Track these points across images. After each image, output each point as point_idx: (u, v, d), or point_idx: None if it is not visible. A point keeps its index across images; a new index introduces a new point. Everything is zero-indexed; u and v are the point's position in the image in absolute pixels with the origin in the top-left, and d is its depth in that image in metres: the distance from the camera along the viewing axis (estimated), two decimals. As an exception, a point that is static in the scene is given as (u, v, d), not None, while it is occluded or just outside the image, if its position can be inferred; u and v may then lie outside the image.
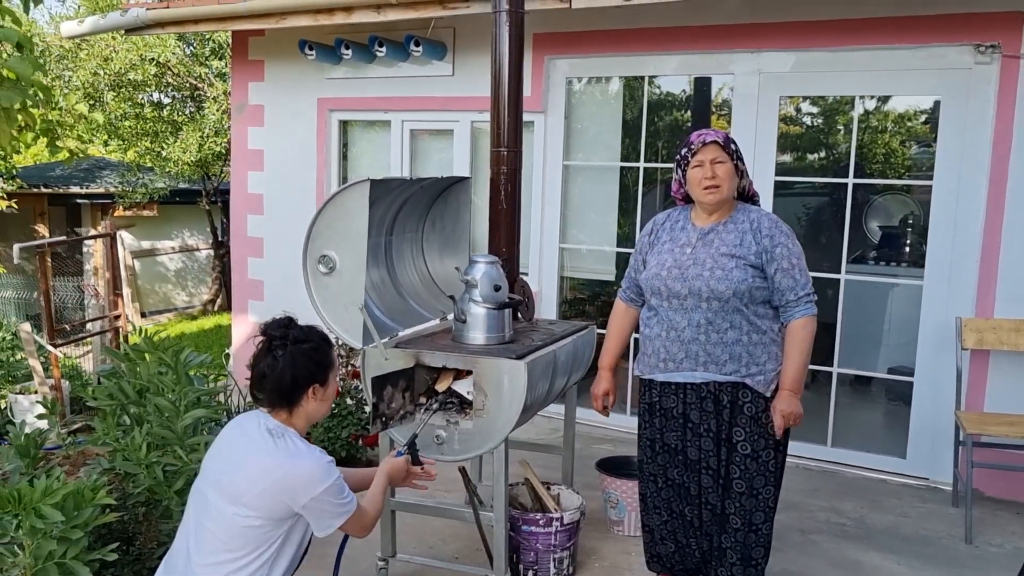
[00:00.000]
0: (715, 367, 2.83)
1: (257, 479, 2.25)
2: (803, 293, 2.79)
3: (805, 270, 2.81)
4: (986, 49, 4.27)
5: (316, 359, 2.38)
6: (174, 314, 15.00)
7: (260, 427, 2.36)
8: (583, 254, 5.68)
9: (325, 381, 2.40)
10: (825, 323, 5.20)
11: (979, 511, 4.04)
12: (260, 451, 2.30)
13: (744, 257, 2.80)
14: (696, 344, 2.84)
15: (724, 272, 2.78)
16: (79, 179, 14.17)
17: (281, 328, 2.39)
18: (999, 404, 4.34)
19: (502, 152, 3.53)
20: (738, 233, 2.84)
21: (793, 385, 2.80)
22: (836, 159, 6.32)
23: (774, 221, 2.86)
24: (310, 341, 2.39)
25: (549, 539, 3.22)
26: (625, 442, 5.08)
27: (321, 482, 2.25)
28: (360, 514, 2.40)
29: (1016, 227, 4.24)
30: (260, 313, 6.70)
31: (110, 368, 3.58)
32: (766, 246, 2.79)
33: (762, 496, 2.85)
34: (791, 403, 2.79)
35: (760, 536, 2.87)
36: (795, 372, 2.80)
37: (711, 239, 2.87)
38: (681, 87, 6.01)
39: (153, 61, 11.18)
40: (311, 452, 2.31)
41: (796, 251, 2.81)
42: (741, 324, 2.81)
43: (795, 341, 2.80)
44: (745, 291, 2.78)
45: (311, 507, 2.27)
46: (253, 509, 2.25)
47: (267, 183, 6.62)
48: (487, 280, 3.11)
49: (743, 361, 2.81)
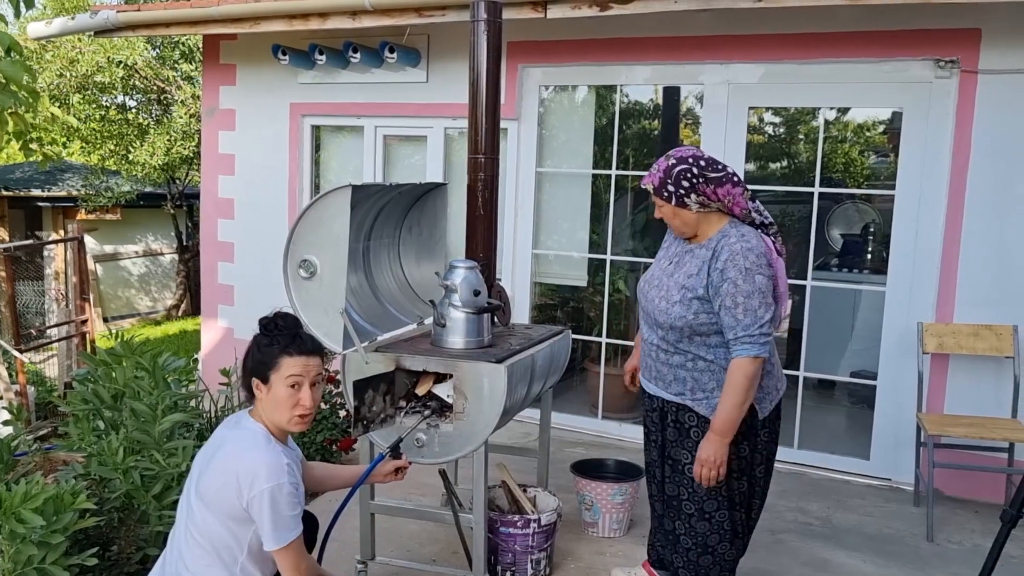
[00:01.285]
0: (663, 384, 2.86)
1: (217, 474, 2.27)
2: (742, 334, 2.62)
3: (753, 310, 2.62)
4: (946, 64, 4.42)
5: (258, 357, 2.37)
6: (137, 319, 14.80)
7: (237, 423, 2.39)
8: (555, 260, 5.74)
9: (266, 380, 2.35)
10: (791, 328, 5.37)
11: (940, 510, 4.17)
12: (226, 445, 2.33)
13: (693, 289, 2.72)
14: (650, 359, 2.91)
15: (668, 304, 2.75)
16: (40, 182, 13.93)
17: (267, 317, 2.41)
18: (958, 406, 4.49)
19: (480, 159, 3.57)
20: (699, 261, 2.75)
21: (720, 428, 2.66)
22: (800, 168, 6.48)
23: (734, 253, 2.65)
24: (261, 336, 2.38)
25: (527, 540, 3.26)
26: (596, 445, 5.15)
27: (265, 480, 2.21)
28: (300, 549, 2.31)
29: (974, 235, 4.40)
30: (230, 318, 6.67)
31: (84, 372, 3.55)
32: (714, 280, 2.68)
33: (715, 520, 2.79)
34: (709, 448, 2.67)
35: (717, 558, 2.82)
36: (724, 414, 2.65)
37: (685, 260, 2.82)
38: (652, 96, 6.13)
39: (121, 64, 11.04)
40: (266, 448, 2.29)
41: (745, 289, 2.62)
42: (687, 351, 2.78)
43: (728, 382, 2.66)
44: (683, 327, 2.73)
45: (255, 505, 2.22)
46: (214, 507, 2.26)
47: (238, 188, 6.59)
48: (467, 285, 3.15)
49: (688, 385, 2.79)
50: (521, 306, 5.60)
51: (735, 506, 2.81)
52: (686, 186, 2.70)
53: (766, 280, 2.66)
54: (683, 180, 2.70)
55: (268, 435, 2.35)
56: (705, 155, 2.76)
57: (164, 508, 3.12)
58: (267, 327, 2.40)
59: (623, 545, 3.74)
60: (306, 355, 2.37)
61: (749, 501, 2.88)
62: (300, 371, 2.34)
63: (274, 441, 2.36)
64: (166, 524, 3.06)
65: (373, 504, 3.27)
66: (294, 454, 2.48)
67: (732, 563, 2.87)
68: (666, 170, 2.74)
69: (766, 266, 2.68)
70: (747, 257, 2.64)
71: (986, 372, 4.45)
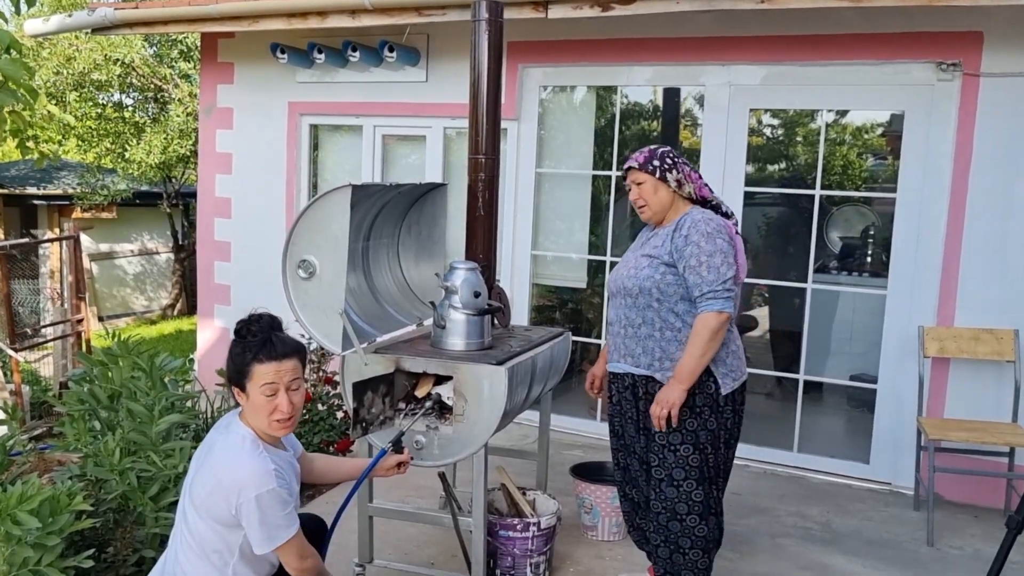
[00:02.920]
0: (631, 359, 3.01)
1: (206, 481, 2.26)
2: (708, 290, 2.82)
3: (716, 267, 2.82)
4: (948, 67, 4.41)
5: (233, 366, 2.33)
6: (132, 318, 14.74)
7: (227, 427, 2.37)
8: (554, 261, 5.72)
9: (243, 388, 2.32)
10: (791, 331, 5.36)
11: (940, 515, 4.15)
12: (215, 451, 2.31)
13: (658, 256, 2.94)
14: (619, 338, 3.06)
15: (636, 270, 2.98)
16: (36, 180, 13.88)
17: (241, 322, 2.36)
18: (959, 410, 4.47)
19: (480, 159, 3.55)
20: (664, 234, 2.98)
21: (680, 376, 2.84)
22: (801, 170, 6.46)
23: (697, 221, 2.90)
24: (240, 343, 2.33)
25: (526, 544, 3.24)
26: (595, 448, 5.12)
27: (254, 487, 2.19)
28: (301, 546, 2.31)
29: (976, 238, 4.38)
30: (227, 318, 6.63)
31: (81, 372, 3.51)
32: (678, 244, 2.89)
33: (683, 488, 2.89)
34: (668, 391, 2.84)
35: (686, 527, 2.90)
36: (686, 363, 2.82)
37: (650, 241, 3.05)
38: (652, 97, 6.11)
39: (118, 62, 11.00)
40: (252, 454, 2.26)
41: (708, 248, 2.83)
42: (653, 320, 2.94)
43: (693, 334, 2.84)
44: (651, 287, 2.92)
45: (243, 512, 2.20)
46: (203, 512, 2.25)
47: (235, 187, 6.55)
48: (467, 286, 3.12)
49: (656, 355, 2.94)
50: (520, 307, 5.57)
51: (704, 479, 2.91)
52: (669, 163, 3.00)
53: (727, 244, 2.88)
54: (667, 158, 3.01)
55: (255, 439, 2.32)
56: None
57: (160, 510, 3.08)
58: (239, 333, 2.35)
59: (623, 549, 3.72)
60: (278, 360, 2.30)
61: (717, 478, 3.00)
62: (273, 378, 2.29)
63: (261, 446, 2.32)
64: (163, 526, 3.03)
65: (371, 507, 3.24)
66: (287, 455, 2.45)
67: (703, 539, 2.91)
68: (651, 151, 3.04)
69: (727, 236, 2.91)
70: (708, 224, 2.89)
71: (987, 376, 4.43)
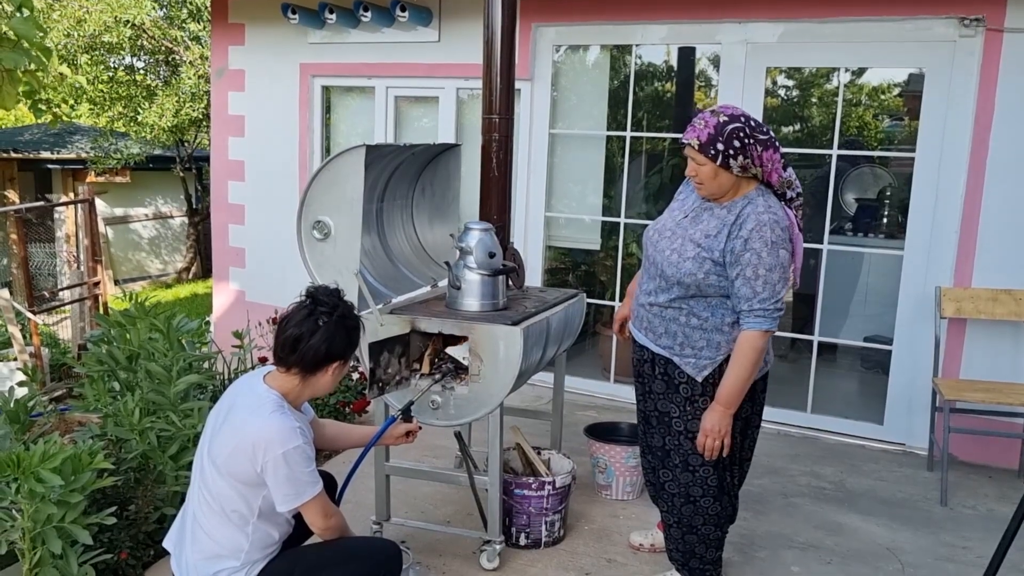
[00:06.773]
0: (652, 336, 2.80)
1: (228, 440, 2.29)
2: (758, 306, 2.57)
3: (772, 284, 2.56)
4: (970, 22, 4.31)
5: (352, 340, 2.44)
6: (148, 282, 14.85)
7: (251, 389, 2.39)
8: (567, 223, 5.70)
9: (347, 360, 2.45)
10: (806, 294, 5.33)
11: (953, 475, 4.16)
12: (238, 410, 2.34)
13: (709, 250, 2.63)
14: (644, 309, 2.83)
15: (680, 259, 2.67)
16: (49, 144, 13.90)
17: (332, 297, 2.43)
18: (974, 371, 4.45)
19: (494, 119, 3.52)
20: (719, 223, 2.65)
21: (725, 399, 2.63)
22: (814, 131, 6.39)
23: (760, 224, 2.56)
24: (352, 319, 2.45)
25: (541, 503, 3.27)
26: (609, 408, 5.15)
27: (280, 444, 2.24)
28: (324, 504, 2.38)
29: (995, 198, 4.33)
30: (242, 281, 6.66)
31: (99, 334, 3.55)
32: (735, 247, 2.59)
33: (699, 474, 2.78)
34: (713, 418, 2.65)
35: (699, 508, 2.82)
36: (730, 386, 2.63)
37: (702, 217, 2.71)
38: (668, 56, 6.02)
39: (128, 23, 10.93)
40: (278, 412, 2.30)
41: (768, 262, 2.55)
42: (681, 306, 2.72)
43: (737, 354, 2.63)
44: (691, 284, 2.66)
45: (269, 469, 2.24)
46: (225, 471, 2.28)
47: (248, 149, 6.54)
48: (482, 247, 3.12)
49: (677, 340, 2.74)
50: (534, 269, 5.57)
51: (720, 466, 2.79)
52: (737, 146, 2.56)
53: (788, 254, 2.61)
54: (735, 140, 2.56)
55: (281, 400, 2.36)
56: (751, 115, 2.63)
57: (180, 468, 3.14)
58: (353, 315, 2.48)
59: (636, 508, 3.75)
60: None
61: (732, 465, 2.88)
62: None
63: (287, 406, 2.36)
64: (183, 484, 3.08)
65: (388, 466, 3.27)
66: (305, 417, 2.49)
67: (715, 518, 2.83)
68: (717, 127, 2.57)
69: (788, 241, 2.61)
70: (773, 230, 2.56)
71: (1004, 337, 4.41)
